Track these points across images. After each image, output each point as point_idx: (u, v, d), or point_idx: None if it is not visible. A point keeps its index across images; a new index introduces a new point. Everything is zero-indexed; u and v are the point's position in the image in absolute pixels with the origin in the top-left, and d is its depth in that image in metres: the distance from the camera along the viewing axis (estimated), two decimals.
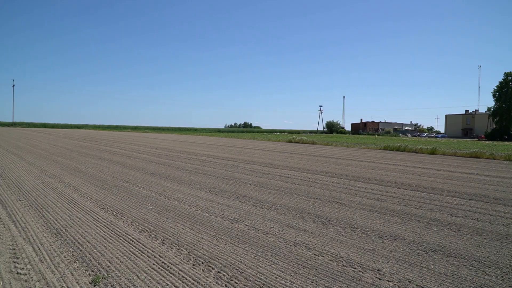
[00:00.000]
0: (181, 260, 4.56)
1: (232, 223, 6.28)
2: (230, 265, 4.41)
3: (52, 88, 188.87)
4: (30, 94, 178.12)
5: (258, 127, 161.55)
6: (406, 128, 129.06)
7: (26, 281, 3.89)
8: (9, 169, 12.31)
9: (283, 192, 9.28)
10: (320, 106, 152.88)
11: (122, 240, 5.27)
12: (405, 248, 5.24)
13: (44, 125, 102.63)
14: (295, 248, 5.12)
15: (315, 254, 4.88)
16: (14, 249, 4.83)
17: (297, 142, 37.96)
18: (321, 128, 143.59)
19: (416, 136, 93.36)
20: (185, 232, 5.74)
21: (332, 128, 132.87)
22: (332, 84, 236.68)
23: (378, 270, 4.39)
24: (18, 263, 4.36)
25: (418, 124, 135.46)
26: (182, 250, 4.92)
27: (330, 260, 4.67)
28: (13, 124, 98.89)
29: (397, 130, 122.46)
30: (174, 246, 5.09)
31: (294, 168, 14.39)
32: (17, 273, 4.08)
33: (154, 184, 9.99)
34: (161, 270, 4.24)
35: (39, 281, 3.89)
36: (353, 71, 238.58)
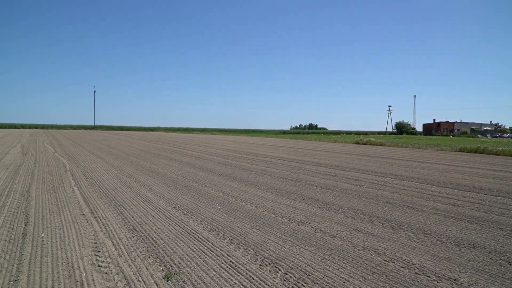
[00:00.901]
0: (249, 260, 4.63)
1: (298, 225, 6.26)
2: (297, 267, 4.40)
3: (129, 93, 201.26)
4: (109, 99, 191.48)
5: (324, 129, 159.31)
6: (485, 128, 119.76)
7: (106, 273, 4.17)
8: (91, 169, 13.32)
9: (350, 194, 9.07)
10: (389, 106, 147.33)
11: (192, 238, 5.47)
12: (485, 257, 4.87)
13: (121, 128, 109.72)
14: (364, 252, 4.97)
15: (385, 260, 4.70)
16: (95, 243, 5.21)
17: (364, 144, 36.87)
18: (390, 129, 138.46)
19: (496, 137, 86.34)
20: (252, 232, 5.82)
21: (402, 129, 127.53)
22: (402, 83, 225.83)
23: (455, 280, 4.12)
24: (99, 256, 4.69)
25: (499, 124, 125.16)
26: (249, 250, 4.99)
27: (402, 267, 4.48)
28: (94, 127, 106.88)
29: (475, 130, 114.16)
30: (241, 246, 5.18)
31: (362, 170, 13.99)
32: (98, 265, 4.40)
33: (221, 185, 10.25)
34: (229, 269, 4.34)
35: (117, 274, 4.16)
36: (425, 68, 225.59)
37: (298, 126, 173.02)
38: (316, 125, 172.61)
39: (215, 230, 5.93)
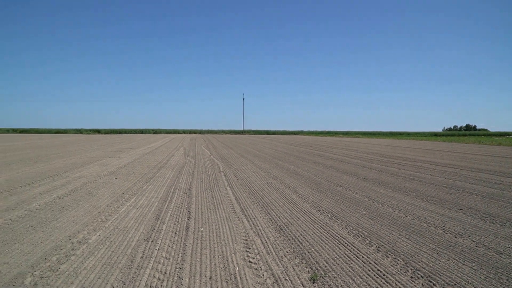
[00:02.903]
0: (398, 271, 4.38)
1: (455, 237, 5.67)
2: (455, 284, 3.98)
3: (274, 99, 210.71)
4: (256, 105, 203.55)
5: (485, 130, 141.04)
6: None
7: (256, 269, 4.43)
8: (241, 171, 14.33)
9: None
10: None
11: (337, 243, 5.42)
12: None
13: (267, 132, 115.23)
14: None
15: None
16: (246, 240, 5.58)
17: None
18: None
19: None
20: (401, 241, 5.49)
21: None
22: None
23: None
24: (249, 253, 5.01)
25: None
26: (398, 260, 4.72)
27: None
28: (243, 132, 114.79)
29: None
30: (389, 254, 4.93)
31: None
32: (249, 261, 4.69)
33: (366, 190, 9.93)
34: (377, 277, 4.17)
35: (266, 271, 4.37)
36: None
37: (452, 127, 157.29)
38: (475, 126, 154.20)
39: (361, 236, 5.77)
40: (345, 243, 5.42)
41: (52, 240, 5.45)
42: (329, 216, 7.06)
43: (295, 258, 4.81)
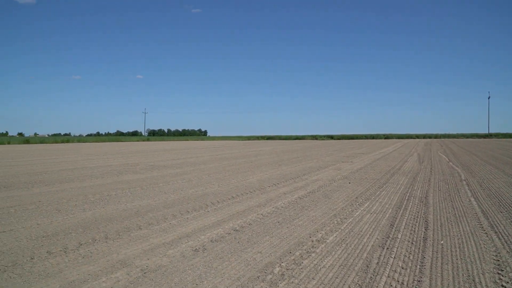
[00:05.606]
0: None
1: None
2: None
3: None
4: (504, 103, 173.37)
5: None
6: None
7: None
8: (488, 180, 12.51)
9: None
10: None
11: None
12: None
13: None
14: None
15: None
16: (498, 260, 4.85)
17: None
18: None
19: None
20: None
21: None
22: None
23: None
24: (502, 275, 4.33)
25: None
26: None
27: None
28: (488, 135, 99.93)
29: None
30: None
31: None
32: (502, 285, 4.06)
33: None
34: None
35: None
36: None
37: None
38: None
39: None
40: None
41: (295, 236, 6.08)
42: None
43: None
